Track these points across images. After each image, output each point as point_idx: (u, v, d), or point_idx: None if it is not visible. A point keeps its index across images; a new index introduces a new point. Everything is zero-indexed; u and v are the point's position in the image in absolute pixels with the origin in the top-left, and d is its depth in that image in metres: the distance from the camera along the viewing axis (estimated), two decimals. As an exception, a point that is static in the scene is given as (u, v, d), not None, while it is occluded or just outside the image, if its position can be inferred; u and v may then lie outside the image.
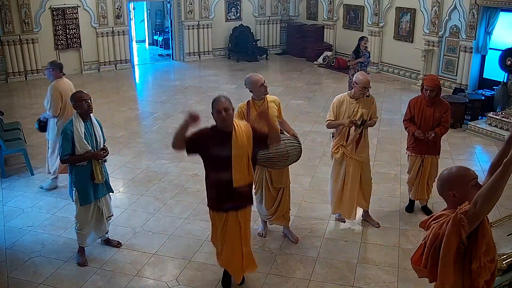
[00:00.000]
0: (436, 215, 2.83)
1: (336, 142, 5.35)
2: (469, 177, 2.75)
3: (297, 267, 4.86)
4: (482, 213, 2.60)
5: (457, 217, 2.61)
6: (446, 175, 2.81)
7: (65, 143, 4.58)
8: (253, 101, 4.91)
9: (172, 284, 4.61)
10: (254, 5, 15.81)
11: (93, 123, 4.81)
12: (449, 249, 2.64)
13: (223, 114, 3.83)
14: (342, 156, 5.30)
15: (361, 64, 9.33)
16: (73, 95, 4.76)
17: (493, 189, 2.54)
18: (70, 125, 4.63)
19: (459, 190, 2.73)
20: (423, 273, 2.86)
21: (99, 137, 4.82)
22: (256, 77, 4.85)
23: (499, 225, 4.27)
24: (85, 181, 4.73)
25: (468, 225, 2.59)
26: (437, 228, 2.72)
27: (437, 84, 5.39)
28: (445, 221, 2.69)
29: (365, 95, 5.15)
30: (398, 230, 5.52)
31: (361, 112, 5.11)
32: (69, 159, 4.63)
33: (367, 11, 13.57)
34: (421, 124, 5.49)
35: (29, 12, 12.33)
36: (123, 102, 11.02)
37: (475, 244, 2.66)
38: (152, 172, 7.13)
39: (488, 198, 2.55)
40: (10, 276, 4.71)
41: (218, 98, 3.94)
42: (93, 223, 4.92)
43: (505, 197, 6.25)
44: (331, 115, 5.24)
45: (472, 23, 10.50)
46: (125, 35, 13.95)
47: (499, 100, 9.07)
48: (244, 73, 13.65)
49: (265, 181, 5.06)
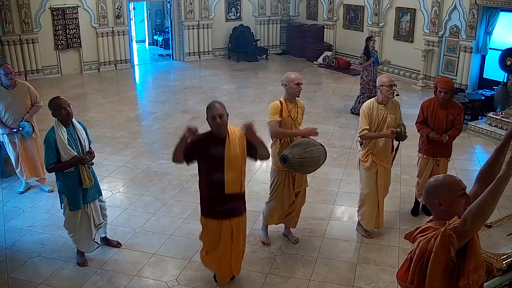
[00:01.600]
0: (422, 227, 2.72)
1: (366, 150, 5.17)
2: (457, 186, 2.64)
3: (297, 267, 4.86)
4: (473, 230, 2.49)
5: (446, 233, 2.50)
6: (433, 182, 2.71)
7: (49, 151, 4.45)
8: (285, 101, 4.85)
9: (172, 284, 4.61)
10: (254, 5, 15.82)
11: (75, 127, 4.66)
12: (437, 265, 2.54)
13: (218, 121, 3.87)
14: (371, 165, 5.14)
15: (373, 65, 9.30)
16: (51, 103, 4.55)
17: (484, 205, 2.42)
18: (52, 133, 4.49)
19: (445, 199, 2.62)
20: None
21: (84, 140, 4.70)
22: (294, 75, 4.83)
23: (499, 225, 4.27)
24: (74, 187, 4.62)
25: (457, 241, 2.48)
26: (424, 243, 2.60)
27: (451, 86, 5.35)
28: (432, 236, 2.59)
29: (394, 94, 5.05)
30: (398, 230, 5.52)
31: (390, 118, 5.03)
32: (55, 167, 4.50)
33: (367, 11, 13.57)
34: (435, 126, 5.43)
35: (29, 12, 12.32)
36: (123, 102, 11.03)
37: (463, 261, 2.55)
38: (152, 172, 7.13)
39: (479, 215, 2.43)
40: (10, 276, 4.71)
41: (212, 104, 3.97)
42: (84, 228, 4.81)
43: (505, 197, 6.26)
44: (366, 123, 5.00)
45: (472, 23, 10.50)
46: (125, 35, 13.95)
47: (499, 100, 9.07)
48: (244, 73, 13.70)
49: (286, 185, 4.95)
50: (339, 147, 8.05)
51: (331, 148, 7.82)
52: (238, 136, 4.02)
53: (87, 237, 4.84)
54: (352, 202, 6.03)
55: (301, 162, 4.58)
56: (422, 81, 11.72)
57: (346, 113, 9.87)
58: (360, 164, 5.26)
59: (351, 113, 9.68)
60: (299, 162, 4.57)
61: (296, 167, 4.63)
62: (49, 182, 6.50)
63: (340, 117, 9.69)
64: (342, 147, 8.08)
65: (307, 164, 4.64)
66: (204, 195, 4.17)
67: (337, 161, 7.46)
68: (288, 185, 4.96)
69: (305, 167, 4.66)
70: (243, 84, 12.54)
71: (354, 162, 6.55)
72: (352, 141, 8.16)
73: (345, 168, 7.19)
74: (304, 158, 4.57)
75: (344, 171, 7.09)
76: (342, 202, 6.25)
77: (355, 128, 8.36)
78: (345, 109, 10.18)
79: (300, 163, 4.59)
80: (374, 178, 5.18)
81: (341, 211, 6.05)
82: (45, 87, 12.17)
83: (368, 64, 9.27)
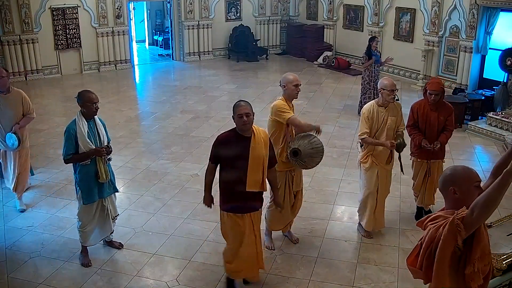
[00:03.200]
0: (433, 215, 2.83)
1: (366, 152, 5.19)
2: (473, 177, 2.75)
3: (297, 267, 4.86)
4: (479, 221, 2.60)
5: (454, 222, 2.61)
6: (451, 171, 2.82)
7: (68, 142, 4.55)
8: (285, 101, 4.81)
9: (172, 284, 4.61)
10: (254, 5, 15.82)
11: (96, 122, 4.77)
12: (445, 253, 2.66)
13: (245, 119, 3.96)
14: (370, 166, 5.14)
15: (374, 65, 9.26)
16: (83, 95, 4.65)
17: (491, 198, 2.53)
18: (73, 125, 4.59)
19: (461, 188, 2.72)
20: (418, 274, 2.88)
21: (103, 136, 4.78)
22: (293, 76, 4.82)
23: (499, 225, 4.28)
24: (90, 180, 4.69)
25: (464, 231, 2.60)
26: (433, 231, 2.72)
27: (441, 87, 5.27)
28: (442, 224, 2.69)
29: (395, 98, 5.04)
30: (398, 230, 5.52)
31: (390, 120, 5.03)
32: (72, 158, 4.60)
33: (367, 11, 13.57)
34: (426, 129, 5.36)
35: (29, 12, 12.32)
36: (123, 102, 11.02)
37: (470, 250, 2.67)
38: (152, 172, 7.13)
39: (486, 207, 2.54)
40: (10, 276, 4.71)
41: (239, 103, 4.07)
42: (96, 221, 4.88)
43: (505, 197, 6.21)
44: (366, 127, 5.02)
45: (472, 23, 10.50)
46: (125, 35, 13.95)
47: (499, 100, 9.07)
48: (244, 73, 13.70)
49: (286, 186, 4.95)
50: (339, 147, 8.05)
51: (331, 148, 7.82)
52: (262, 137, 4.12)
53: (97, 231, 4.91)
54: (352, 202, 6.04)
55: (311, 153, 4.69)
56: (422, 81, 11.71)
57: (346, 113, 9.87)
58: (360, 165, 5.27)
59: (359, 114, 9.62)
60: (309, 153, 4.67)
61: (306, 159, 4.70)
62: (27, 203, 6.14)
63: (340, 117, 9.69)
64: (342, 147, 8.08)
65: (315, 155, 4.73)
66: (224, 191, 4.20)
67: (337, 161, 7.46)
68: (288, 185, 4.96)
69: (313, 157, 4.74)
70: (243, 84, 12.54)
71: (354, 162, 6.55)
72: (352, 141, 8.15)
73: (345, 168, 7.19)
74: (313, 149, 4.69)
75: (344, 171, 7.09)
76: (342, 202, 6.25)
77: (355, 128, 8.37)
78: (345, 109, 10.19)
79: (310, 155, 4.69)
80: (374, 179, 5.18)
81: (341, 211, 6.05)
82: (45, 87, 12.19)
83: (369, 64, 9.24)
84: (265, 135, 4.19)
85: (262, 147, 4.08)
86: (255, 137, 4.06)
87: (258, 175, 4.08)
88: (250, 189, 4.06)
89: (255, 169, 4.04)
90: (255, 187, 4.09)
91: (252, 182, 4.05)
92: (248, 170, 4.01)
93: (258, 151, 4.04)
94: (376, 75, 9.25)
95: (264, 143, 4.11)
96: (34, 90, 11.93)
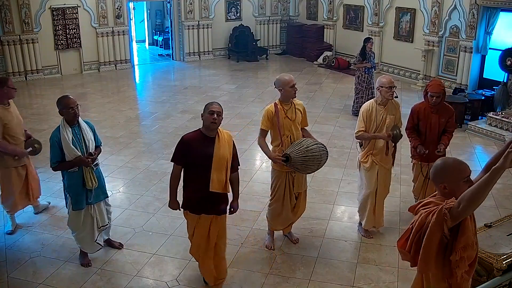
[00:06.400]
0: (425, 201, 2.96)
1: (365, 151, 5.18)
2: (462, 173, 2.84)
3: (297, 267, 4.87)
4: (465, 213, 2.72)
5: (441, 212, 2.74)
6: (441, 165, 2.89)
7: (53, 150, 4.51)
8: (280, 103, 4.81)
9: (172, 284, 4.61)
10: (254, 5, 15.82)
11: (81, 127, 4.65)
12: (431, 239, 2.79)
13: (215, 116, 4.01)
14: (371, 165, 5.14)
15: (368, 69, 9.24)
16: (60, 101, 4.56)
17: (477, 193, 2.63)
18: (57, 132, 4.53)
19: (451, 184, 2.84)
20: (406, 257, 3.03)
21: (89, 141, 4.67)
22: (288, 77, 4.79)
23: (499, 225, 4.26)
24: (77, 187, 4.64)
25: (450, 220, 2.73)
26: (423, 216, 2.85)
27: (442, 89, 5.21)
28: (432, 210, 2.81)
29: (394, 96, 5.03)
30: (398, 230, 5.52)
31: (389, 119, 5.02)
32: (59, 165, 4.57)
33: (367, 11, 13.57)
34: (427, 131, 5.31)
35: (29, 12, 12.32)
36: (123, 102, 11.02)
37: (455, 239, 2.80)
38: (152, 172, 7.13)
39: (472, 201, 2.65)
40: (10, 276, 4.71)
41: (212, 102, 4.16)
42: (88, 228, 4.81)
43: (505, 197, 6.25)
44: (363, 125, 5.03)
45: (472, 23, 10.50)
46: (125, 35, 13.95)
47: (499, 100, 9.07)
48: (244, 73, 13.70)
49: (286, 187, 4.93)
50: (339, 147, 8.05)
51: (331, 148, 7.81)
52: (226, 138, 4.17)
53: (90, 237, 4.84)
54: (352, 202, 6.04)
55: (303, 161, 4.58)
56: (422, 81, 11.72)
57: (346, 113, 9.87)
58: (361, 165, 5.26)
59: (352, 114, 9.65)
60: (301, 161, 4.57)
61: (298, 166, 4.62)
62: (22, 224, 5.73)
63: (340, 117, 9.69)
64: (342, 147, 8.08)
65: (309, 163, 4.63)
66: (187, 190, 4.23)
67: (337, 161, 7.46)
68: (289, 186, 4.95)
69: (307, 166, 4.65)
70: (243, 84, 12.54)
71: (354, 162, 6.54)
72: (352, 141, 8.15)
73: (345, 168, 7.19)
74: (306, 157, 4.57)
75: (344, 171, 7.09)
76: (342, 202, 6.25)
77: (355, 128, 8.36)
78: (345, 109, 10.18)
79: (302, 162, 4.58)
80: (374, 179, 5.17)
81: (341, 211, 6.05)
82: (45, 87, 12.18)
83: (361, 66, 9.26)
84: (229, 137, 4.22)
85: (226, 148, 4.12)
86: (220, 138, 4.11)
87: (222, 176, 4.09)
88: (214, 190, 4.06)
89: (218, 169, 4.06)
90: (219, 188, 4.09)
91: (216, 182, 4.05)
92: (212, 170, 4.03)
93: (222, 152, 4.08)
94: (370, 76, 9.25)
95: (228, 144, 4.16)
96: (34, 90, 11.95)
